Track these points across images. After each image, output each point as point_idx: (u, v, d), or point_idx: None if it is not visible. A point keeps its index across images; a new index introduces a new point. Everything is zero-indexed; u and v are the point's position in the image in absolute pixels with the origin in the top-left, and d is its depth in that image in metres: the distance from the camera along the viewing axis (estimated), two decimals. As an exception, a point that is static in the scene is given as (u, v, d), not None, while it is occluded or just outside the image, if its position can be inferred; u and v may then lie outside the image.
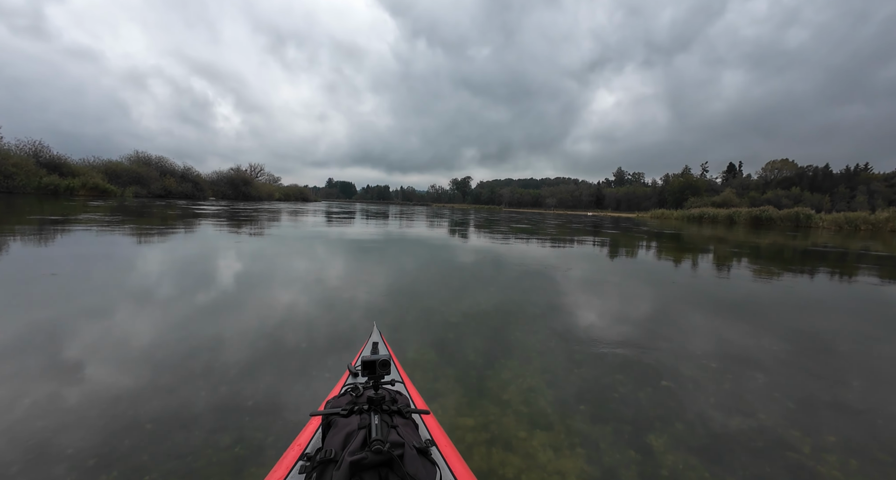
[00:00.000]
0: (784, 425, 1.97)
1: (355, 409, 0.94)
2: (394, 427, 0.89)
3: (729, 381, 2.44)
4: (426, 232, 13.26)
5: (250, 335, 2.86)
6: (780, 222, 26.44)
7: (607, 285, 5.22)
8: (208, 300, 3.72)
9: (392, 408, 0.98)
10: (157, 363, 2.33)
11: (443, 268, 6.17)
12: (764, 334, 3.40)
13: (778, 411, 2.11)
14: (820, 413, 2.10)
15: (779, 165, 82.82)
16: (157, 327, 2.95)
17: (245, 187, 57.28)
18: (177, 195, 40.23)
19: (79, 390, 2.00)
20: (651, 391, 2.26)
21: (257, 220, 14.56)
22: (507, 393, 2.18)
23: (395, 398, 1.06)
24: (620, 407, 2.08)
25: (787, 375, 2.57)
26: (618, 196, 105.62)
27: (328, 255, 6.98)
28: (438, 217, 24.52)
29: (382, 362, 1.03)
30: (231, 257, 6.20)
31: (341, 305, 3.75)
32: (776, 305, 4.49)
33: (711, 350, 2.95)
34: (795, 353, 2.97)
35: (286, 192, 79.21)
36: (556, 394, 2.20)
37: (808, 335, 3.47)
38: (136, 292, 3.87)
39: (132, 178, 35.71)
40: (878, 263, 8.97)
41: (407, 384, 1.41)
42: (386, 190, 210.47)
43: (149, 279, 4.44)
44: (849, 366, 2.78)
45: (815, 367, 2.72)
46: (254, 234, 9.89)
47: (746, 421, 1.99)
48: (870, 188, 70.52)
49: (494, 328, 3.28)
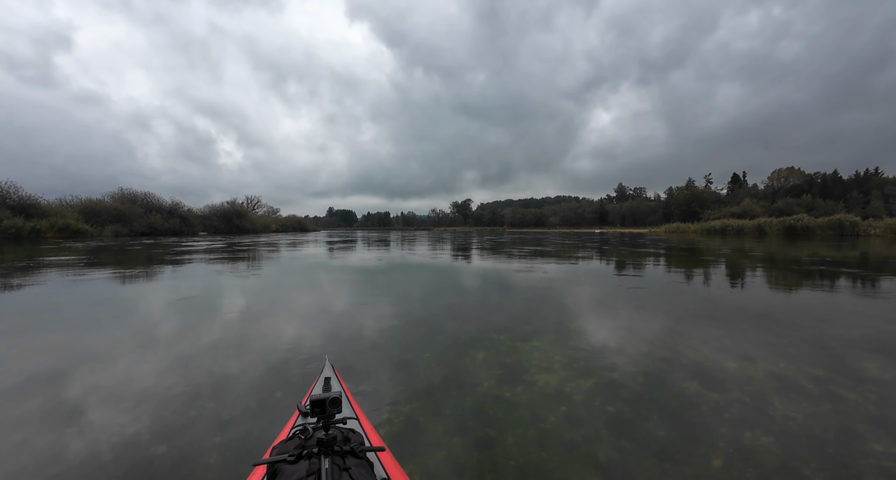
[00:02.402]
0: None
1: (304, 453, 0.87)
2: (346, 470, 0.85)
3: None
4: (447, 264, 10.73)
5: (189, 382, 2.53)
6: (821, 232, 23.76)
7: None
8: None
9: (344, 448, 0.92)
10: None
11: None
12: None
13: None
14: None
15: (785, 174, 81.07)
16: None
17: (239, 221, 55.52)
18: (163, 232, 38.24)
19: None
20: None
21: (233, 253, 12.21)
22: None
23: (349, 437, 1.00)
24: None
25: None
26: (622, 212, 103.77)
27: (284, 295, 5.87)
28: (441, 243, 21.85)
29: (333, 399, 0.98)
30: (166, 296, 5.72)
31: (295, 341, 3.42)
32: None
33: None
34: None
35: (284, 223, 77.81)
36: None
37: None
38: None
39: (113, 216, 33.82)
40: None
41: (361, 420, 1.36)
42: (386, 216, 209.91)
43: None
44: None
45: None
46: (218, 270, 8.14)
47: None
48: (884, 192, 68.22)
49: None
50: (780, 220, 26.42)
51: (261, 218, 69.25)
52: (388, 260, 11.62)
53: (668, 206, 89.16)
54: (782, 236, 23.62)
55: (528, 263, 10.60)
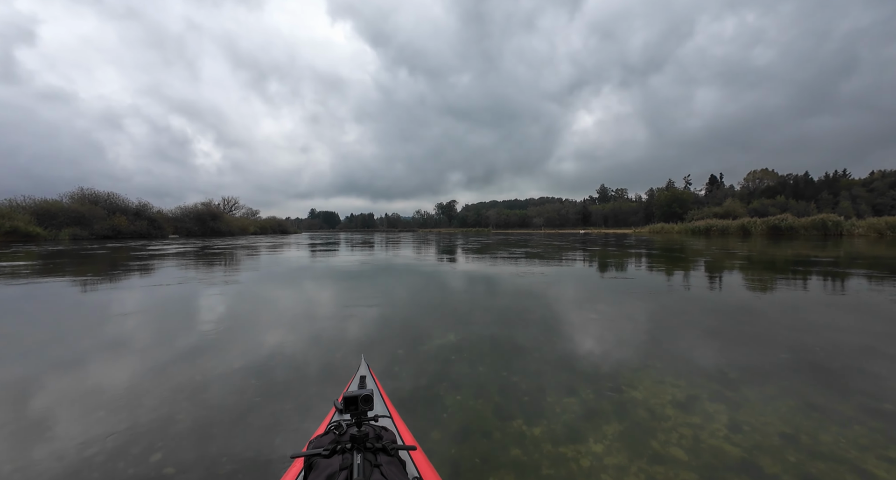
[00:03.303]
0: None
1: (338, 448, 0.91)
2: (377, 466, 0.86)
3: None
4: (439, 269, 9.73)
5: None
6: (804, 232, 23.89)
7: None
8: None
9: (376, 446, 0.94)
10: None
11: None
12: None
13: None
14: None
15: (760, 175, 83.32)
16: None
17: (214, 223, 53.14)
18: (129, 236, 35.92)
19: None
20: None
21: (198, 257, 10.89)
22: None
23: (381, 435, 1.02)
24: None
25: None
26: (604, 213, 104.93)
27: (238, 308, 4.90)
28: (427, 245, 20.82)
29: (364, 397, 1.00)
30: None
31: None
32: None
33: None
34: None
35: (263, 225, 75.28)
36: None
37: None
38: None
39: (71, 218, 31.42)
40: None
41: (395, 419, 1.37)
42: (370, 218, 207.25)
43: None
44: None
45: None
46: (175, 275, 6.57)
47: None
48: (852, 193, 70.91)
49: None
50: (764, 220, 26.57)
51: (238, 220, 66.68)
52: (373, 265, 10.58)
53: (650, 207, 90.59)
54: (766, 236, 23.62)
55: (549, 273, 9.73)
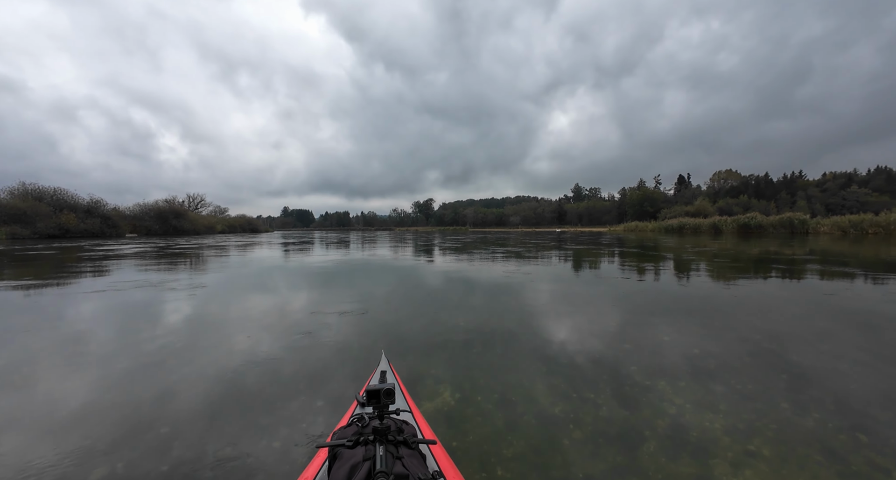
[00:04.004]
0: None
1: (360, 440, 0.93)
2: (399, 459, 0.88)
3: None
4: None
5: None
6: (772, 229, 24.80)
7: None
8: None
9: (398, 438, 0.96)
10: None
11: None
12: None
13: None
14: None
15: (724, 176, 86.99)
16: None
17: (177, 221, 50.14)
18: (78, 234, 33.12)
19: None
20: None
21: (152, 258, 9.60)
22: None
23: (402, 428, 1.04)
24: None
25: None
26: (579, 211, 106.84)
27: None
28: (404, 243, 19.96)
29: (387, 391, 1.02)
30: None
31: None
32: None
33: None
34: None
35: (231, 223, 72.03)
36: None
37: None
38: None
39: (10, 215, 28.55)
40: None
41: (415, 413, 1.38)
42: (346, 216, 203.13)
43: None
44: None
45: None
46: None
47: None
48: (807, 193, 75.17)
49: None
50: (734, 219, 27.49)
51: (204, 218, 63.42)
52: (348, 265, 9.72)
53: (622, 205, 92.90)
54: (737, 234, 24.40)
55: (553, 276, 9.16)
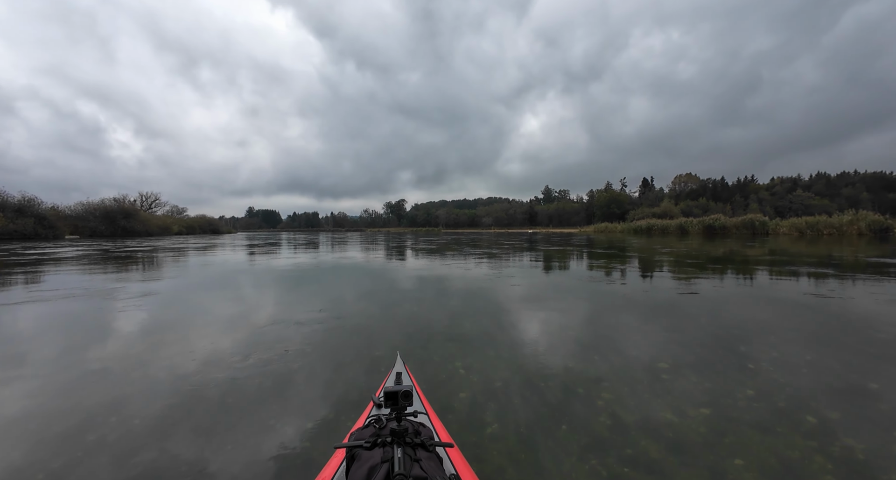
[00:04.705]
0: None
1: (378, 441, 0.93)
2: (417, 461, 0.87)
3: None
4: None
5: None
6: (735, 230, 25.94)
7: None
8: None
9: (415, 441, 0.95)
10: None
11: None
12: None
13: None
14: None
15: (685, 179, 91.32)
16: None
17: (127, 221, 46.38)
18: (7, 236, 29.71)
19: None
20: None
21: (91, 263, 8.12)
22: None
23: (419, 431, 1.03)
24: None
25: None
26: (549, 213, 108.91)
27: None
28: (376, 245, 18.92)
29: (405, 393, 1.01)
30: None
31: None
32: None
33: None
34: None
35: (190, 224, 67.74)
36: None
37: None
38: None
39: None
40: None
41: (431, 416, 1.37)
42: (315, 217, 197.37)
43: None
44: None
45: None
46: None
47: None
48: (759, 197, 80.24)
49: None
50: (699, 220, 28.68)
51: (159, 219, 59.23)
52: (316, 269, 8.74)
53: (591, 207, 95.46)
54: (702, 234, 25.34)
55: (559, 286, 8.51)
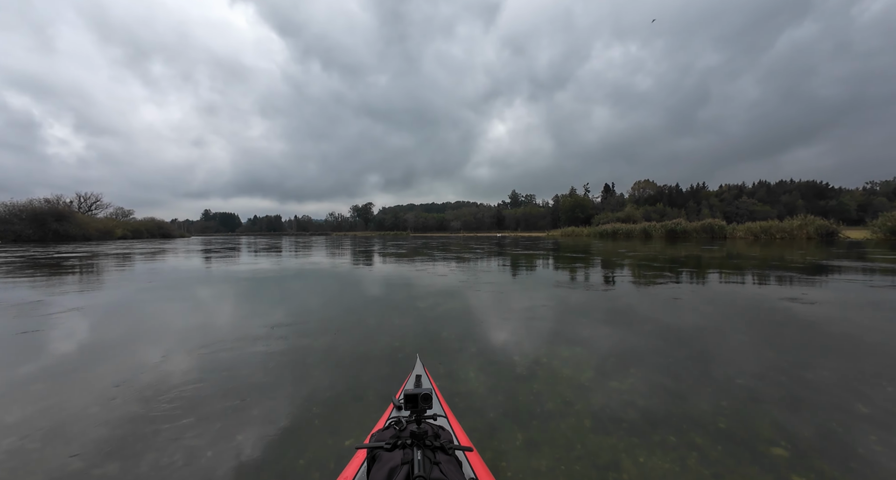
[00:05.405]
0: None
1: (399, 443, 0.93)
2: (436, 464, 0.88)
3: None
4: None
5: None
6: (696, 234, 27.14)
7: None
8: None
9: (435, 444, 0.95)
10: None
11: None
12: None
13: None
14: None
15: (643, 185, 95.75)
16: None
17: (59, 224, 41.91)
18: None
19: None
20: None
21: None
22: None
23: (438, 433, 1.03)
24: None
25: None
26: (516, 217, 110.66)
27: None
28: (342, 250, 17.70)
29: (424, 395, 1.02)
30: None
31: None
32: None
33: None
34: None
35: (136, 228, 62.39)
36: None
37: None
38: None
39: None
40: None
41: (450, 419, 1.37)
42: (277, 220, 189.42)
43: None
44: None
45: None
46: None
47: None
48: (709, 203, 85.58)
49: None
50: (662, 224, 29.93)
51: (99, 222, 53.95)
52: (270, 281, 7.66)
53: (556, 211, 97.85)
54: (665, 238, 26.32)
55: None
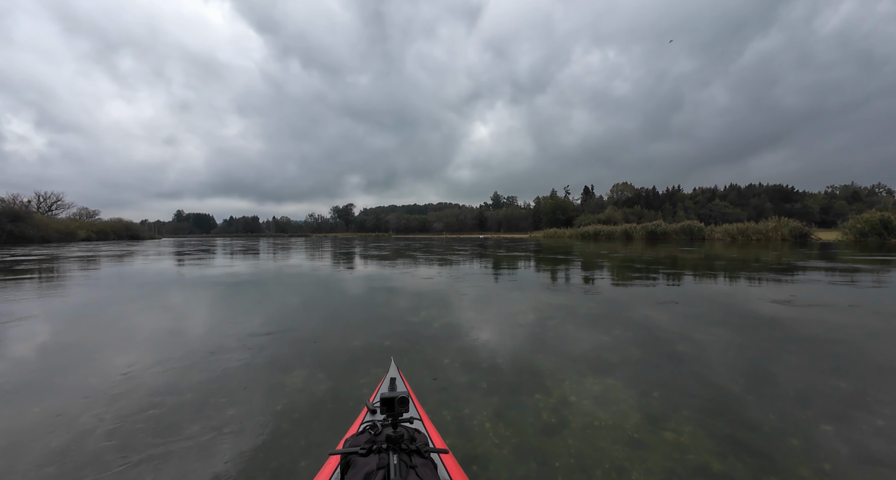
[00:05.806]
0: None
1: (374, 448, 0.92)
2: (413, 468, 0.87)
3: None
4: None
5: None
6: (675, 236, 27.76)
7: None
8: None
9: (411, 447, 0.95)
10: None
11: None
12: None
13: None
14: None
15: (622, 188, 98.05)
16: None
17: (15, 225, 39.23)
18: None
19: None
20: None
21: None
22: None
23: (414, 437, 1.03)
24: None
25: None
26: (498, 218, 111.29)
27: None
28: (322, 253, 16.90)
29: (401, 399, 1.01)
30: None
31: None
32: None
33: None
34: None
35: (101, 229, 59.07)
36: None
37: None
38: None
39: None
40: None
41: (425, 422, 1.36)
42: (255, 222, 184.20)
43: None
44: None
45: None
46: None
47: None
48: (684, 205, 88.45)
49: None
50: (642, 225, 30.54)
51: (60, 223, 50.86)
52: (244, 288, 7.04)
53: (538, 213, 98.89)
54: (645, 239, 26.81)
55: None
